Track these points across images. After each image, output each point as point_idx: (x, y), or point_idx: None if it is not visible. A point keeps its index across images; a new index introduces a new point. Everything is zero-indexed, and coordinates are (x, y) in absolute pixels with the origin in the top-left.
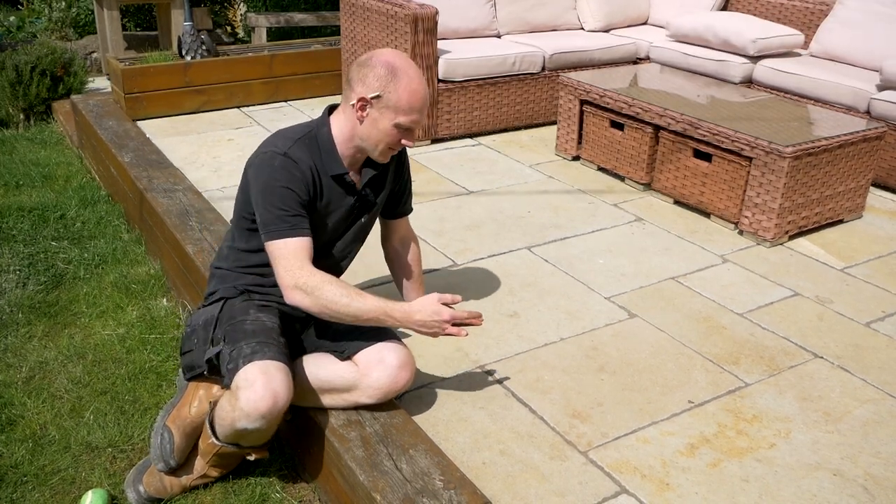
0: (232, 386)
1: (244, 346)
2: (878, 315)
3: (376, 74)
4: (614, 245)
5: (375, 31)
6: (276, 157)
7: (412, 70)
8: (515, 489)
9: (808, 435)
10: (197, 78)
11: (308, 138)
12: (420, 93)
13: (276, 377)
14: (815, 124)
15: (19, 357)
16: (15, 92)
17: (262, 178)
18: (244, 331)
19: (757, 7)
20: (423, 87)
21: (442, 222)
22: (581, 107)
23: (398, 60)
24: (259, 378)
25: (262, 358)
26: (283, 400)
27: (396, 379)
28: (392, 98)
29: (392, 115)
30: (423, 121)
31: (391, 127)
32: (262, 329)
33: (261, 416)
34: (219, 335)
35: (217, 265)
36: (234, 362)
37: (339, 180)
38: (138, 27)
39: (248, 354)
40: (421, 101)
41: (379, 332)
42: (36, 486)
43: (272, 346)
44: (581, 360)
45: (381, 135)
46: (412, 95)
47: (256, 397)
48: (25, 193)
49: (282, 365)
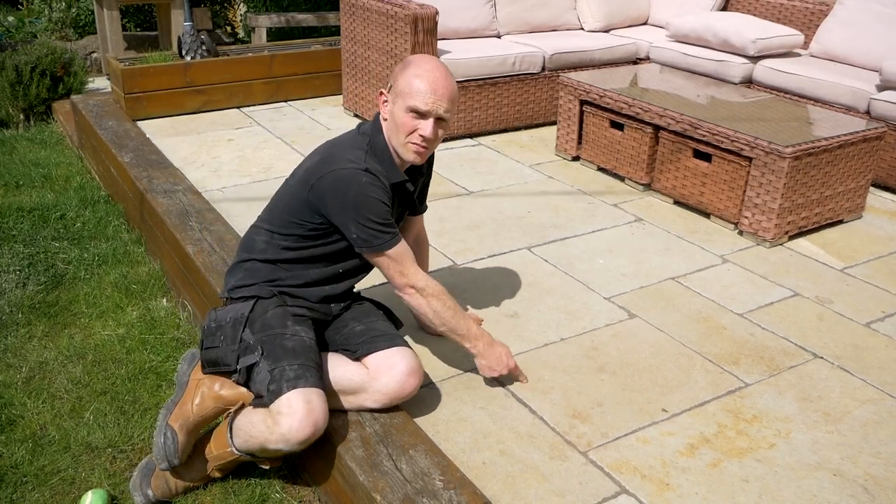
0: (272, 409)
1: (287, 369)
2: (878, 315)
3: (394, 72)
4: (614, 245)
5: (375, 32)
6: (360, 173)
7: (427, 61)
8: (515, 489)
9: (808, 435)
10: (197, 78)
11: (371, 149)
12: (429, 75)
13: (318, 407)
14: (814, 124)
15: (19, 357)
16: (15, 92)
17: (352, 194)
18: (284, 348)
19: (757, 7)
20: (434, 70)
21: (442, 222)
22: (581, 107)
23: (417, 56)
24: (302, 408)
25: (306, 385)
26: (322, 427)
27: (404, 385)
28: (401, 83)
29: (402, 100)
30: (439, 105)
31: (405, 113)
32: (302, 348)
33: (298, 443)
34: (251, 341)
35: (248, 257)
36: (276, 384)
37: (400, 187)
38: (138, 27)
39: (291, 379)
40: (430, 81)
41: (392, 339)
42: (36, 486)
43: (313, 370)
44: (581, 361)
45: (398, 125)
46: (420, 77)
47: (298, 427)
48: (25, 193)
49: (322, 393)
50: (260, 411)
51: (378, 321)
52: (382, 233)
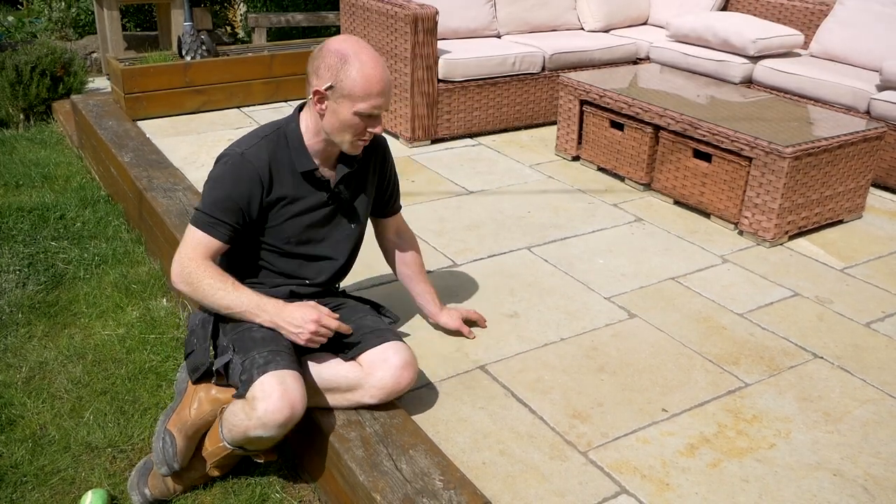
0: (248, 396)
1: (256, 357)
2: (878, 315)
3: (327, 65)
4: (614, 245)
5: (375, 32)
6: (231, 155)
7: (364, 53)
8: (515, 489)
9: (808, 435)
10: (197, 78)
11: (276, 135)
12: (375, 76)
13: (293, 387)
14: (814, 124)
15: (19, 357)
16: (15, 92)
17: (212, 173)
18: (253, 339)
19: (757, 7)
20: (377, 69)
21: (442, 222)
22: (581, 107)
23: (348, 46)
24: (276, 389)
25: (277, 367)
26: (300, 409)
27: (399, 379)
28: (346, 86)
29: (349, 103)
30: (386, 105)
31: (351, 116)
32: (270, 337)
33: (277, 426)
34: (225, 342)
35: None
36: (247, 373)
37: (310, 176)
38: (138, 27)
39: (261, 365)
40: (378, 84)
41: (382, 333)
42: (36, 486)
43: (284, 354)
44: (581, 361)
45: (344, 126)
46: (366, 80)
47: (274, 408)
48: (25, 193)
49: (296, 374)
50: (239, 401)
51: (366, 317)
52: (205, 214)
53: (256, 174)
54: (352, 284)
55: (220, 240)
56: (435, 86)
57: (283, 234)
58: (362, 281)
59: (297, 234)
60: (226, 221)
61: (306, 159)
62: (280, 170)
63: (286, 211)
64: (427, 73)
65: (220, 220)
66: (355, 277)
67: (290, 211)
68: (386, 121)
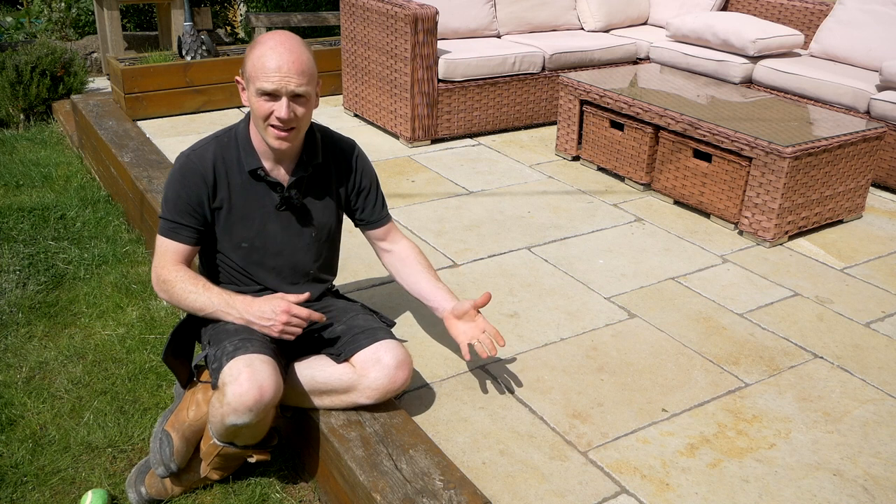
0: (219, 383)
1: (227, 345)
2: (878, 315)
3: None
4: (614, 245)
5: (375, 31)
6: (178, 157)
7: (272, 37)
8: (515, 489)
9: (808, 435)
10: (197, 78)
11: (228, 136)
12: (272, 52)
13: (261, 369)
14: (814, 124)
15: (19, 357)
16: (15, 92)
17: (168, 177)
18: (227, 331)
19: (757, 7)
20: (278, 46)
21: (442, 222)
22: (581, 107)
23: (265, 34)
24: (243, 371)
25: (246, 352)
26: (270, 392)
27: (394, 378)
28: (248, 67)
29: (252, 83)
30: (288, 81)
31: (257, 98)
32: (243, 328)
33: (248, 410)
34: (204, 340)
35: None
36: (217, 361)
37: (259, 177)
38: (138, 27)
39: (230, 351)
40: (274, 58)
41: (375, 333)
42: (36, 486)
43: (255, 341)
44: (581, 360)
45: (255, 112)
46: (264, 56)
47: (242, 391)
48: (25, 193)
49: (267, 358)
50: (215, 393)
51: (357, 316)
52: (164, 220)
53: (200, 175)
54: (352, 284)
55: (186, 243)
56: (435, 86)
57: (235, 237)
58: (362, 281)
59: (249, 238)
60: (185, 224)
61: (252, 158)
62: (229, 170)
63: (235, 212)
64: (427, 72)
65: (180, 223)
66: (355, 277)
67: (239, 212)
68: (386, 121)
